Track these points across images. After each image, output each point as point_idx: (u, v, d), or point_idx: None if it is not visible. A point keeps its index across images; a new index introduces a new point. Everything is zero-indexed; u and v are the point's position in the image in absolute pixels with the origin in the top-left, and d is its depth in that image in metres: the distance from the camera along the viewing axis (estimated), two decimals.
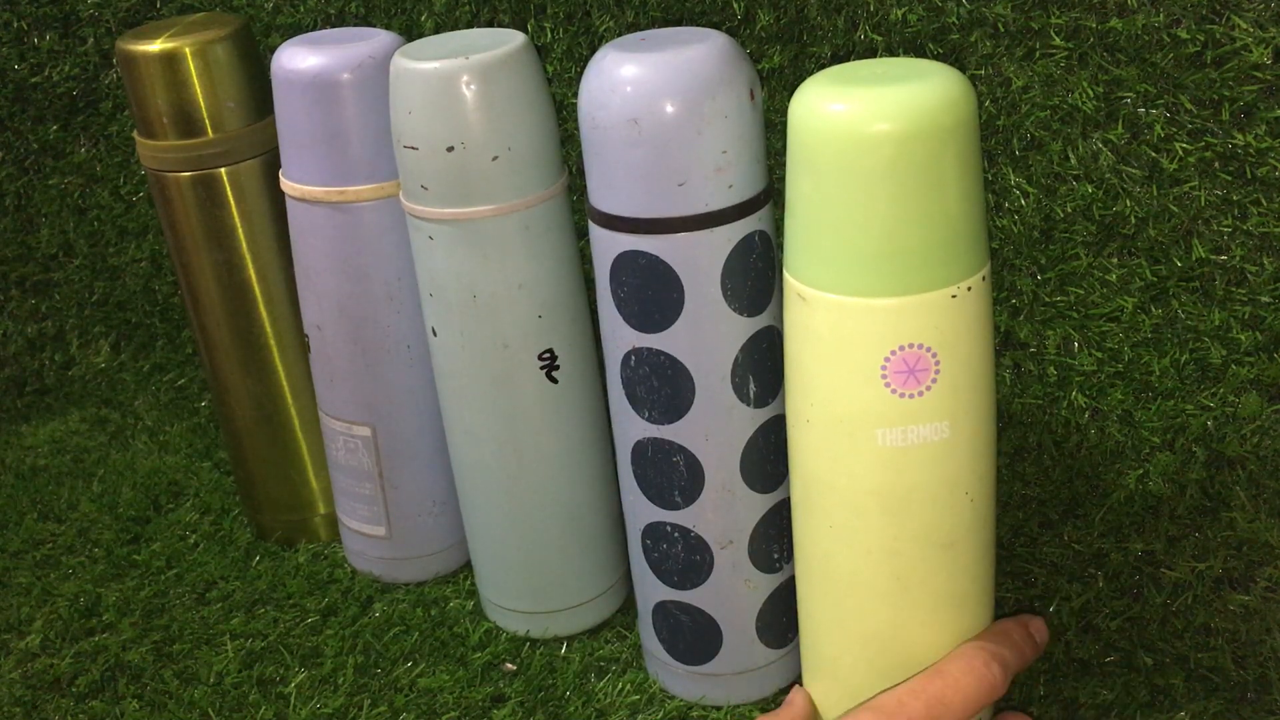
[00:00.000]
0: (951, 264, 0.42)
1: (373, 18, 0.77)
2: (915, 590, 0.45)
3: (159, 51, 0.63)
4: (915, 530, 0.44)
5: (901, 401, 0.43)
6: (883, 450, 0.43)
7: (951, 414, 0.43)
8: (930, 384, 0.42)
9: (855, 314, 0.42)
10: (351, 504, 0.70)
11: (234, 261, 0.68)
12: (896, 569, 0.45)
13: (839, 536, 0.46)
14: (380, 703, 0.61)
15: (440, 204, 0.56)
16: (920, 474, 0.44)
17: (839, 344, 0.43)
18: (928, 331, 0.42)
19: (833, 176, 0.41)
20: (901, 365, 0.42)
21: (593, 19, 0.69)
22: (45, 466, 0.85)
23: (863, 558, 0.46)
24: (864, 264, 0.42)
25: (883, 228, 0.41)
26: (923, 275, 0.41)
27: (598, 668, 0.63)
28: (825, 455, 0.45)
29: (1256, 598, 0.56)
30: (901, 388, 0.42)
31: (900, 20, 0.60)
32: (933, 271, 0.41)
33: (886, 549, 0.45)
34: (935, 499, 0.44)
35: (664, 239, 0.50)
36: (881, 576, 0.46)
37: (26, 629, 0.69)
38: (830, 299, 0.43)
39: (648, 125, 0.48)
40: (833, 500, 0.46)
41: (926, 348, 0.42)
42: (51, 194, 0.92)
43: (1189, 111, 0.54)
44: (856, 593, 0.47)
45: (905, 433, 0.43)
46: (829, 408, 0.44)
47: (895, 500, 0.44)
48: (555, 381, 0.59)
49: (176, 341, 0.94)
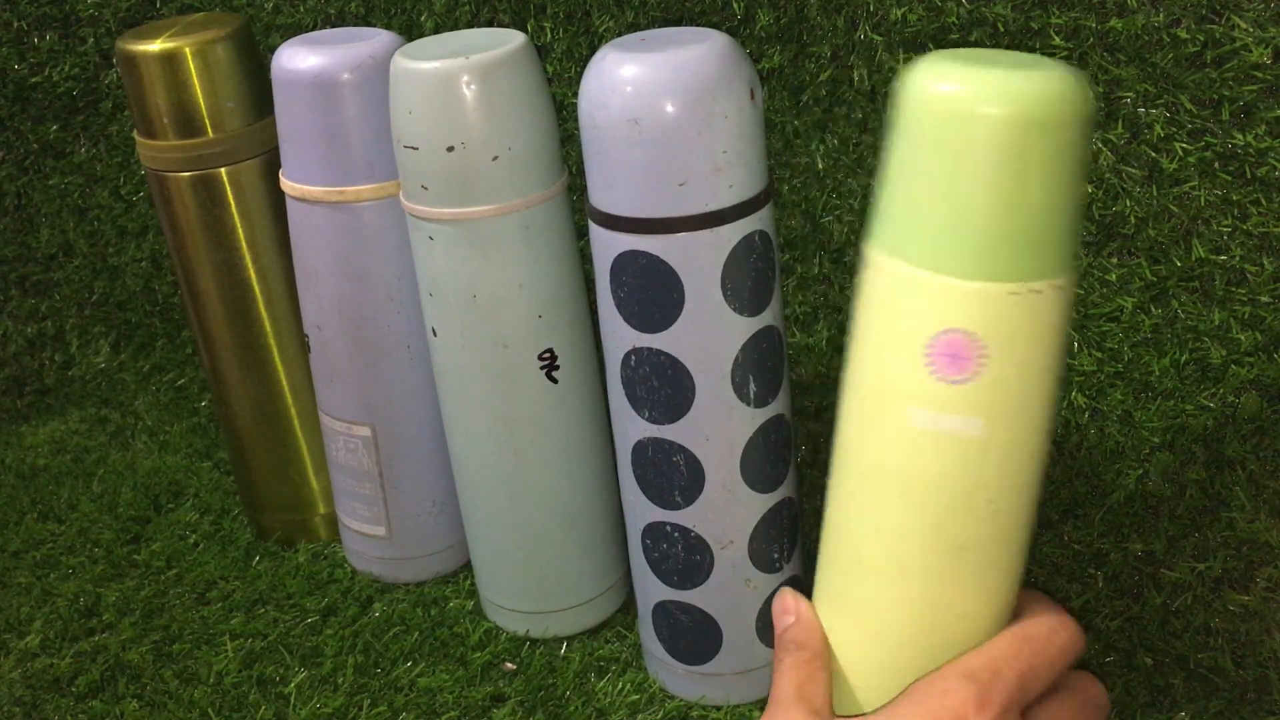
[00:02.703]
0: (1020, 260, 0.40)
1: (373, 18, 0.77)
2: (915, 582, 0.45)
3: (159, 51, 0.63)
4: (926, 522, 0.43)
5: (939, 385, 0.41)
6: (910, 430, 0.42)
7: (988, 412, 0.42)
8: (972, 375, 0.41)
9: (912, 284, 0.41)
10: (351, 504, 0.70)
11: (234, 261, 0.68)
12: (900, 555, 0.44)
13: (854, 508, 0.45)
14: (380, 703, 0.61)
15: (440, 204, 0.56)
16: (941, 465, 0.42)
17: (892, 311, 0.42)
18: (981, 321, 0.41)
19: (926, 146, 0.40)
20: (947, 348, 0.41)
21: (593, 19, 0.69)
22: (45, 466, 0.85)
23: (872, 534, 0.45)
24: (931, 236, 0.41)
25: (957, 204, 0.40)
26: (987, 263, 0.40)
27: (598, 668, 0.63)
28: (857, 422, 0.44)
29: (1256, 598, 0.56)
30: (942, 371, 0.41)
31: (900, 20, 0.60)
32: (998, 262, 0.40)
33: (895, 531, 0.44)
34: (951, 496, 0.43)
35: (664, 239, 0.50)
36: (884, 559, 0.45)
37: (26, 629, 0.69)
38: (891, 264, 0.42)
39: (648, 125, 0.48)
40: (855, 469, 0.45)
41: (977, 338, 0.41)
42: (51, 194, 0.92)
43: (1189, 111, 0.54)
44: (858, 567, 0.46)
45: (936, 418, 0.42)
46: (870, 374, 0.43)
47: (912, 484, 0.43)
48: (555, 381, 0.59)
49: (176, 341, 0.94)
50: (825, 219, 0.66)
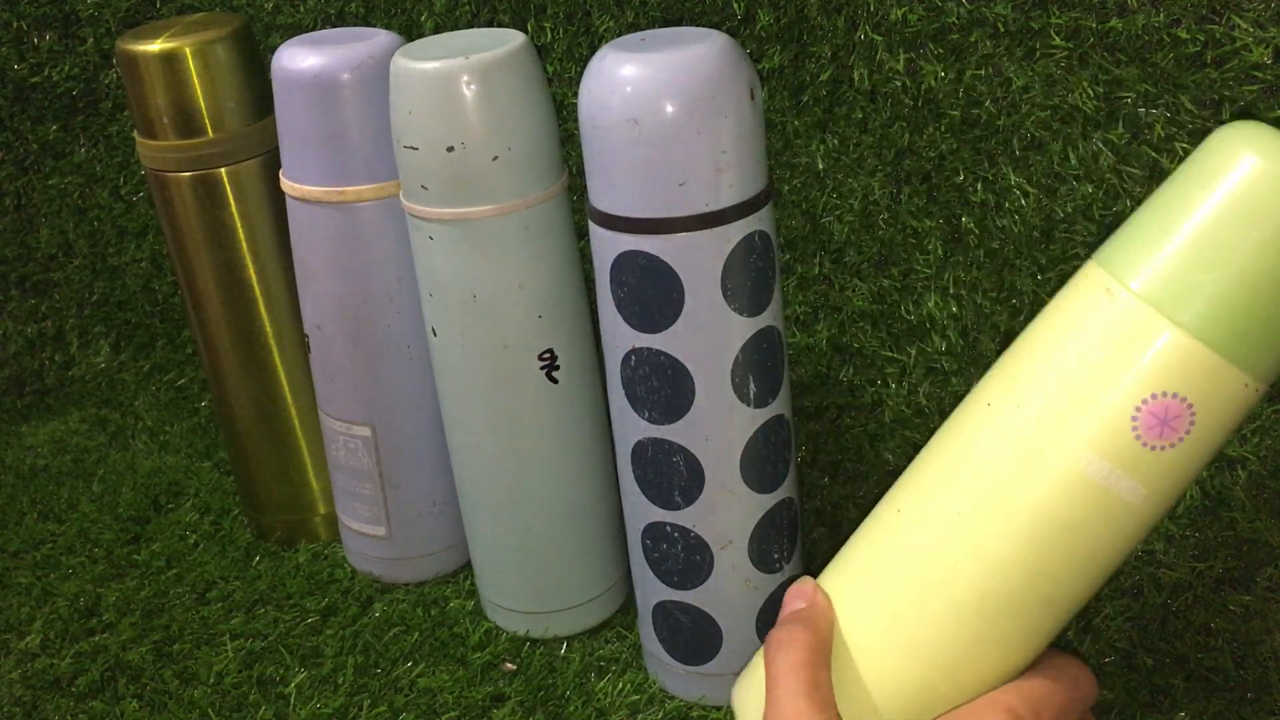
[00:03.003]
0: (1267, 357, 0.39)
1: (373, 18, 0.77)
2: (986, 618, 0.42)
3: (159, 51, 0.63)
4: (1034, 568, 0.41)
5: (1133, 443, 0.39)
6: (1079, 476, 0.40)
7: (1156, 485, 0.40)
8: (1169, 446, 0.39)
9: (1163, 338, 0.39)
10: (351, 504, 0.70)
11: (234, 261, 0.68)
12: (987, 589, 0.42)
13: (953, 526, 0.42)
14: (380, 703, 0.61)
15: (440, 204, 0.55)
16: (1086, 520, 0.40)
17: (1120, 352, 0.40)
18: (1208, 399, 0.39)
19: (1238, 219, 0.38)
20: (1164, 412, 0.39)
21: (593, 19, 0.69)
22: (45, 466, 0.85)
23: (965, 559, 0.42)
24: (1207, 303, 0.38)
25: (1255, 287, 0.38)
26: (1246, 349, 0.39)
27: (598, 668, 0.63)
28: (1008, 445, 0.41)
29: (1256, 598, 0.56)
30: (1145, 431, 0.39)
31: (900, 20, 0.60)
32: (1254, 351, 0.39)
33: (995, 564, 0.41)
34: (1076, 552, 0.41)
35: (664, 239, 0.50)
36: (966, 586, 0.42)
37: (26, 629, 0.69)
38: (1143, 309, 0.39)
39: (648, 125, 0.48)
40: (979, 490, 0.42)
41: (1195, 413, 0.39)
42: (51, 194, 0.92)
43: (1189, 111, 0.54)
44: (923, 583, 0.43)
45: (1112, 474, 0.39)
46: (1055, 403, 0.40)
47: (1046, 528, 0.40)
48: (555, 381, 0.59)
49: (176, 341, 0.94)
50: (825, 219, 0.66)
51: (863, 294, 0.66)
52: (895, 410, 0.66)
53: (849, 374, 0.68)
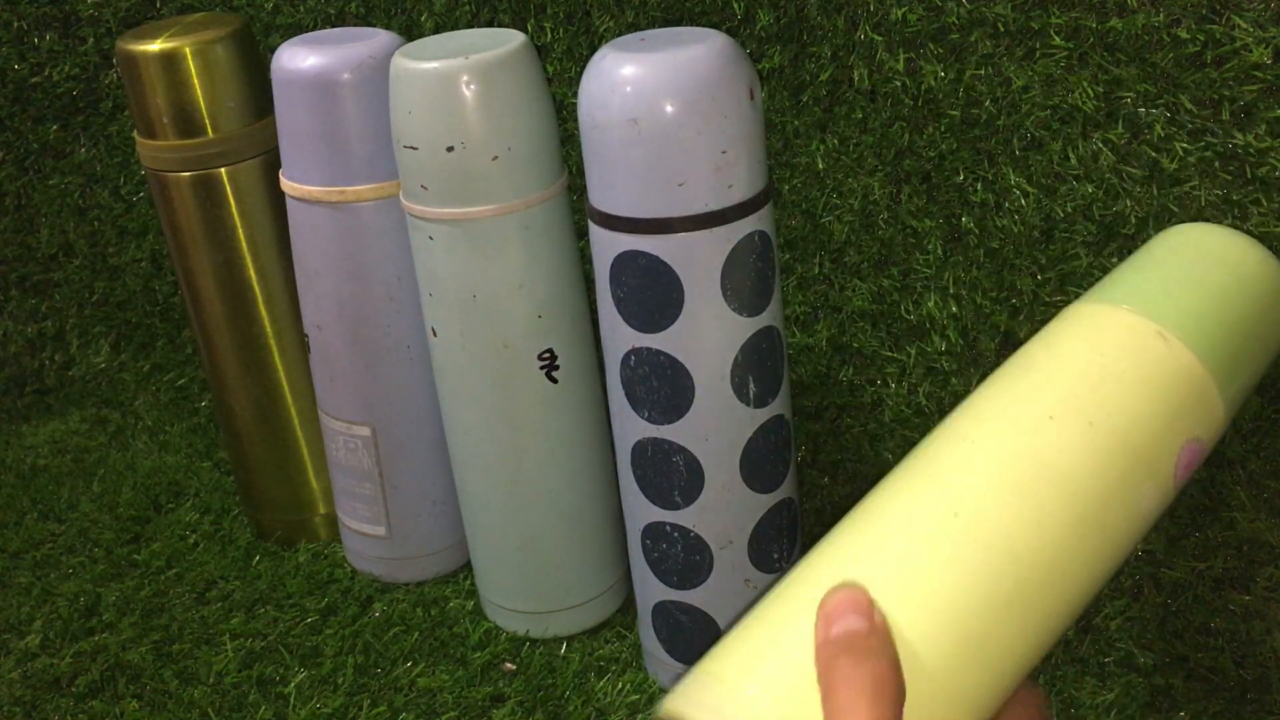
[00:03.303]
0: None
1: (373, 18, 0.77)
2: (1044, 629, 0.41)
3: (159, 51, 0.63)
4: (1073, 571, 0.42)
5: (1169, 477, 0.42)
6: (1135, 506, 0.42)
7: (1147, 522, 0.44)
8: (1179, 484, 0.43)
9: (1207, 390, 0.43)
10: (351, 504, 0.70)
11: (234, 261, 0.68)
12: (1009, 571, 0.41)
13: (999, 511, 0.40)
14: (380, 703, 0.61)
15: (440, 204, 0.55)
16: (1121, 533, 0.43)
17: (1176, 400, 0.43)
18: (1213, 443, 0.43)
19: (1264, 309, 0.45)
20: (1195, 455, 0.43)
21: (593, 19, 0.69)
22: (45, 466, 0.85)
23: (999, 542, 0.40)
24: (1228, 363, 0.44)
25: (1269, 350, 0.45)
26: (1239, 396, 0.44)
27: (598, 668, 0.63)
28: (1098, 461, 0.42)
29: (1256, 598, 0.56)
30: (1178, 468, 0.42)
31: (900, 20, 0.60)
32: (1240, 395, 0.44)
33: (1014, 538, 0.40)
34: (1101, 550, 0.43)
35: (664, 239, 0.50)
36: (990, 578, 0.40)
37: (26, 629, 0.69)
38: (1193, 361, 0.43)
39: (648, 125, 0.48)
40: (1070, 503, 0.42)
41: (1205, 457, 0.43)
42: (51, 194, 0.92)
43: (1189, 111, 0.54)
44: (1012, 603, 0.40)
45: (1152, 501, 0.42)
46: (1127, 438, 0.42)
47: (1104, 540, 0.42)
48: (555, 381, 0.59)
49: (176, 341, 0.94)
50: (825, 219, 0.66)
51: (862, 294, 0.66)
52: (895, 410, 0.66)
53: (849, 374, 0.68)
